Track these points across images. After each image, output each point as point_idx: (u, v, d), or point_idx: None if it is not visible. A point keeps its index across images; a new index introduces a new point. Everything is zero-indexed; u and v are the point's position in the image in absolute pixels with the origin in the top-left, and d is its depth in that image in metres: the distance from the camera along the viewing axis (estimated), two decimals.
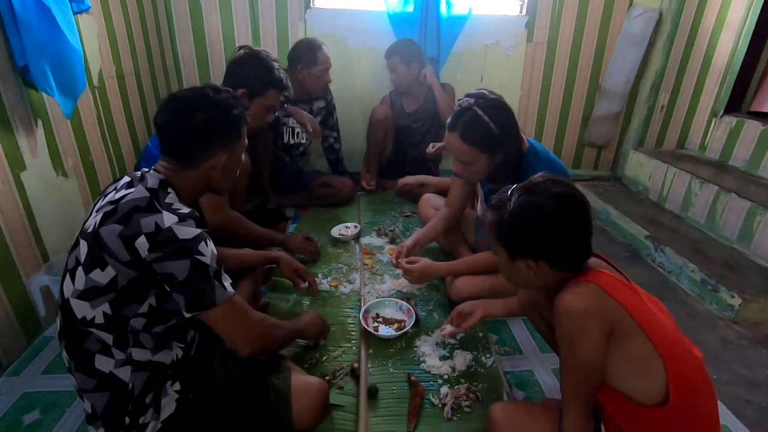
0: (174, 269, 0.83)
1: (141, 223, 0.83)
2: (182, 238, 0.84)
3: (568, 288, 0.87)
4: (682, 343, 0.89)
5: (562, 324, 0.86)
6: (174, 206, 0.89)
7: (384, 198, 2.71)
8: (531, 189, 0.93)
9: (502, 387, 1.32)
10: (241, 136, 1.05)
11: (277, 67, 1.68)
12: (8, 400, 1.29)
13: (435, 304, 1.70)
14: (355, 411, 1.22)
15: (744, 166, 2.38)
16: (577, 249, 0.91)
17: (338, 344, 1.48)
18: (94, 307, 0.85)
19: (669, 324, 0.90)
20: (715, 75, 2.61)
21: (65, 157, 1.72)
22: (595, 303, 0.84)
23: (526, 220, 0.90)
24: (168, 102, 0.98)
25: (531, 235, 0.91)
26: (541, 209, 0.89)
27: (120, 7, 2.17)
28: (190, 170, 0.98)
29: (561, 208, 0.89)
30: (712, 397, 0.91)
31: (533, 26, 2.93)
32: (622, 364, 0.86)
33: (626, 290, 0.87)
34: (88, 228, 0.87)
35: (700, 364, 0.89)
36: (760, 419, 1.31)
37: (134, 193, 0.88)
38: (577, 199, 0.90)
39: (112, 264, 0.83)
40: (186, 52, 2.83)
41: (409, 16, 2.78)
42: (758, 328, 1.72)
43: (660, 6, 2.89)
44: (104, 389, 0.89)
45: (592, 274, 0.88)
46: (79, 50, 1.52)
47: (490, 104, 1.36)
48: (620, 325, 0.84)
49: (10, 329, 1.46)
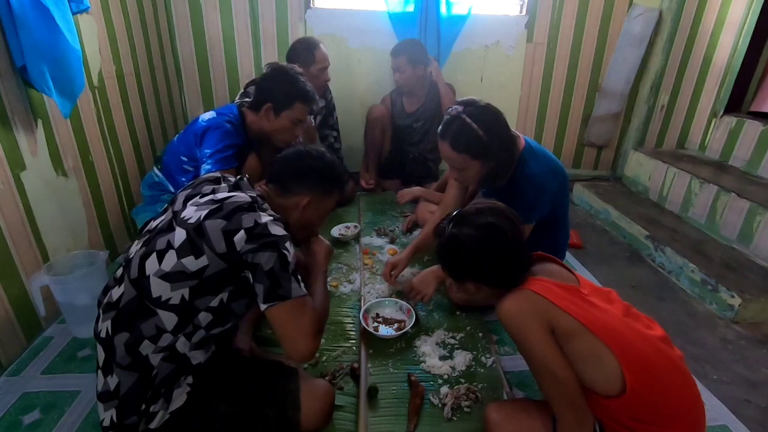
0: (262, 260, 0.92)
1: (242, 220, 0.93)
2: (274, 234, 0.94)
3: (503, 298, 0.96)
4: (632, 329, 0.92)
5: (507, 330, 0.96)
6: (269, 211, 1.02)
7: (384, 198, 2.71)
8: (460, 220, 1.04)
9: (502, 387, 1.32)
10: (330, 195, 1.19)
11: (302, 80, 1.69)
12: (8, 400, 1.29)
13: (435, 304, 1.70)
14: (355, 411, 1.23)
15: (744, 166, 2.38)
16: (508, 270, 1.01)
17: (338, 344, 1.48)
18: (174, 290, 0.91)
19: (616, 313, 0.94)
20: (715, 75, 2.61)
21: (65, 157, 1.72)
22: (525, 303, 0.93)
23: (456, 250, 1.03)
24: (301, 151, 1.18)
25: (463, 263, 1.03)
26: (466, 240, 1.01)
27: (120, 7, 2.17)
28: (280, 198, 1.13)
29: (483, 238, 1.00)
30: (680, 374, 0.92)
31: (533, 26, 2.93)
32: (576, 362, 0.90)
33: (562, 291, 0.93)
34: (188, 219, 0.95)
35: (656, 344, 0.91)
36: (760, 419, 1.31)
37: (238, 197, 0.99)
38: (498, 227, 1.00)
39: (207, 253, 0.91)
40: (186, 52, 2.83)
41: (410, 15, 2.78)
42: (758, 328, 1.72)
43: (660, 6, 2.89)
44: (135, 370, 0.92)
45: (528, 283, 0.96)
46: (77, 50, 1.52)
47: (479, 111, 1.36)
48: (558, 323, 0.89)
49: (10, 329, 1.46)
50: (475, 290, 1.06)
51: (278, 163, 1.18)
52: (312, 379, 1.16)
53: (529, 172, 1.43)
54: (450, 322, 1.60)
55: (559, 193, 1.51)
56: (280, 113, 1.68)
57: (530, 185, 1.42)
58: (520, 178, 1.44)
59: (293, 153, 1.19)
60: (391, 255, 1.99)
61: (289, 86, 1.67)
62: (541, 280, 0.97)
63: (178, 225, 0.96)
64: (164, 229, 0.97)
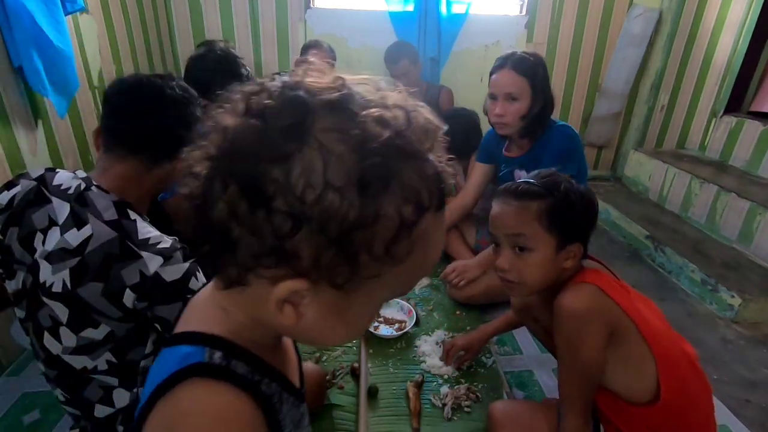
0: (166, 313, 0.77)
1: (123, 276, 0.74)
2: (171, 281, 0.76)
3: (567, 289, 0.87)
4: (672, 340, 0.90)
5: (563, 326, 0.85)
6: (152, 239, 0.78)
7: None
8: (558, 176, 0.93)
9: (502, 387, 1.32)
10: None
11: (245, 73, 1.55)
12: (8, 400, 1.29)
13: (435, 304, 1.69)
14: (355, 411, 1.22)
15: (744, 166, 2.38)
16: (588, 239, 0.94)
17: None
18: (95, 359, 0.79)
19: (659, 322, 0.91)
20: (715, 75, 2.61)
21: (65, 157, 1.72)
22: (596, 304, 0.84)
23: (578, 202, 0.89)
24: (137, 87, 0.87)
25: (581, 217, 0.90)
26: (585, 193, 0.91)
27: (120, 7, 2.17)
28: (154, 170, 0.87)
29: (591, 194, 0.93)
30: (706, 392, 0.91)
31: (533, 26, 2.93)
32: (617, 364, 0.86)
33: (621, 290, 0.87)
34: (52, 287, 0.75)
35: (692, 361, 0.90)
36: (760, 419, 1.31)
37: (97, 237, 0.75)
38: (589, 190, 0.95)
39: (104, 321, 0.77)
40: (186, 52, 2.82)
41: (410, 15, 2.77)
42: (758, 328, 1.72)
43: (660, 6, 2.89)
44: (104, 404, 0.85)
45: (589, 275, 0.88)
46: (66, 50, 1.50)
47: (533, 54, 1.54)
48: (618, 325, 0.84)
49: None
50: (567, 261, 0.89)
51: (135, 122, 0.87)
52: None
53: (559, 124, 1.56)
54: (450, 322, 1.60)
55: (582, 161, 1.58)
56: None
57: (562, 134, 1.52)
58: (550, 139, 1.53)
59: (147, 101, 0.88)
60: None
61: (230, 81, 1.49)
62: (602, 273, 0.89)
63: (45, 297, 0.77)
64: (33, 297, 0.79)
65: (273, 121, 0.34)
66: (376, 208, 0.33)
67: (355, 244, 0.34)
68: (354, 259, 0.35)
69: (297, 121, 0.34)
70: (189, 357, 0.41)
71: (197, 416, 0.39)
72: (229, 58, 1.56)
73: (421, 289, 1.78)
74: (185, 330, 0.45)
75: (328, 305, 0.39)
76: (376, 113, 0.35)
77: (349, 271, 0.35)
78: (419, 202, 0.36)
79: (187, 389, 0.39)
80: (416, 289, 1.78)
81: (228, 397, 0.40)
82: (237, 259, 0.36)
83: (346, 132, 0.34)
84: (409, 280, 0.41)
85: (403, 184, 0.35)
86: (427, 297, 1.74)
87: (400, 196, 0.35)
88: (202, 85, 1.40)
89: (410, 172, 0.35)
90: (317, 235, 0.33)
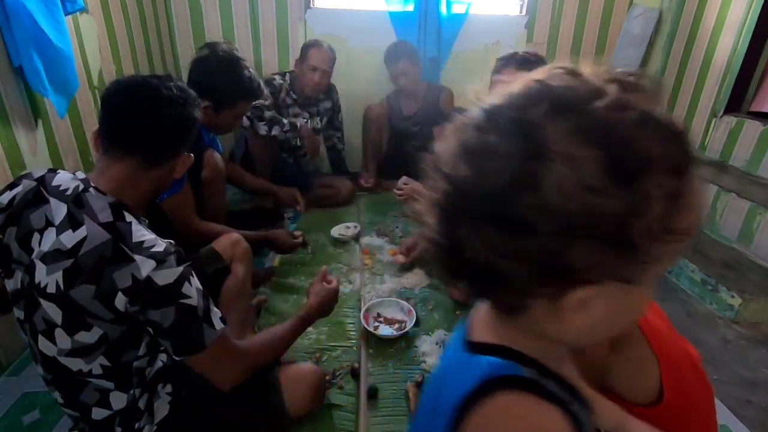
0: (158, 317, 0.76)
1: (115, 279, 0.74)
2: (164, 285, 0.75)
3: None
4: (675, 341, 0.90)
5: None
6: (146, 243, 0.77)
7: (384, 198, 2.70)
8: None
9: None
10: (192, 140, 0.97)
11: (247, 75, 1.59)
12: (8, 400, 1.29)
13: (435, 304, 1.69)
14: (355, 411, 1.22)
15: (744, 166, 2.38)
16: None
17: (338, 344, 1.48)
18: (90, 362, 0.80)
19: (662, 323, 0.91)
20: (715, 75, 2.60)
21: (65, 157, 1.72)
22: None
23: None
24: (133, 87, 0.88)
25: None
26: None
27: (120, 7, 2.17)
28: (151, 171, 0.88)
29: None
30: (708, 393, 0.91)
31: (533, 26, 2.93)
32: (621, 366, 0.86)
33: None
34: (47, 287, 0.75)
35: (694, 362, 0.90)
36: (760, 419, 1.31)
37: (91, 239, 0.75)
38: None
39: (97, 324, 0.77)
40: (186, 52, 2.82)
41: (410, 15, 2.77)
42: (758, 328, 1.72)
43: (660, 6, 2.89)
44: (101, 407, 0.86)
45: None
46: (66, 50, 1.50)
47: (534, 54, 1.58)
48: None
49: (11, 329, 1.45)
50: None
51: (132, 122, 0.89)
52: (293, 364, 1.14)
53: None
54: (450, 322, 1.60)
55: None
56: (221, 111, 1.58)
57: None
58: None
59: (143, 100, 0.90)
60: (391, 255, 1.99)
61: (233, 84, 1.57)
62: None
63: (40, 297, 0.77)
64: (30, 298, 0.79)
65: (503, 149, 0.34)
66: (641, 192, 0.32)
67: (634, 234, 0.33)
68: (637, 249, 0.34)
69: (526, 140, 0.33)
70: (501, 368, 0.41)
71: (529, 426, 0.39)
72: (232, 60, 1.58)
73: (421, 289, 1.78)
74: (480, 340, 0.45)
75: (618, 300, 0.38)
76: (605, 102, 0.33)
77: (634, 263, 0.34)
78: (676, 168, 0.34)
79: (513, 397, 0.40)
80: (416, 289, 1.78)
81: (555, 415, 0.39)
82: (511, 288, 0.36)
83: (583, 131, 0.33)
84: (684, 246, 0.40)
85: (655, 157, 0.33)
86: (427, 297, 1.74)
87: (658, 171, 0.33)
88: (204, 88, 1.43)
89: (656, 142, 0.33)
90: (592, 241, 0.33)
